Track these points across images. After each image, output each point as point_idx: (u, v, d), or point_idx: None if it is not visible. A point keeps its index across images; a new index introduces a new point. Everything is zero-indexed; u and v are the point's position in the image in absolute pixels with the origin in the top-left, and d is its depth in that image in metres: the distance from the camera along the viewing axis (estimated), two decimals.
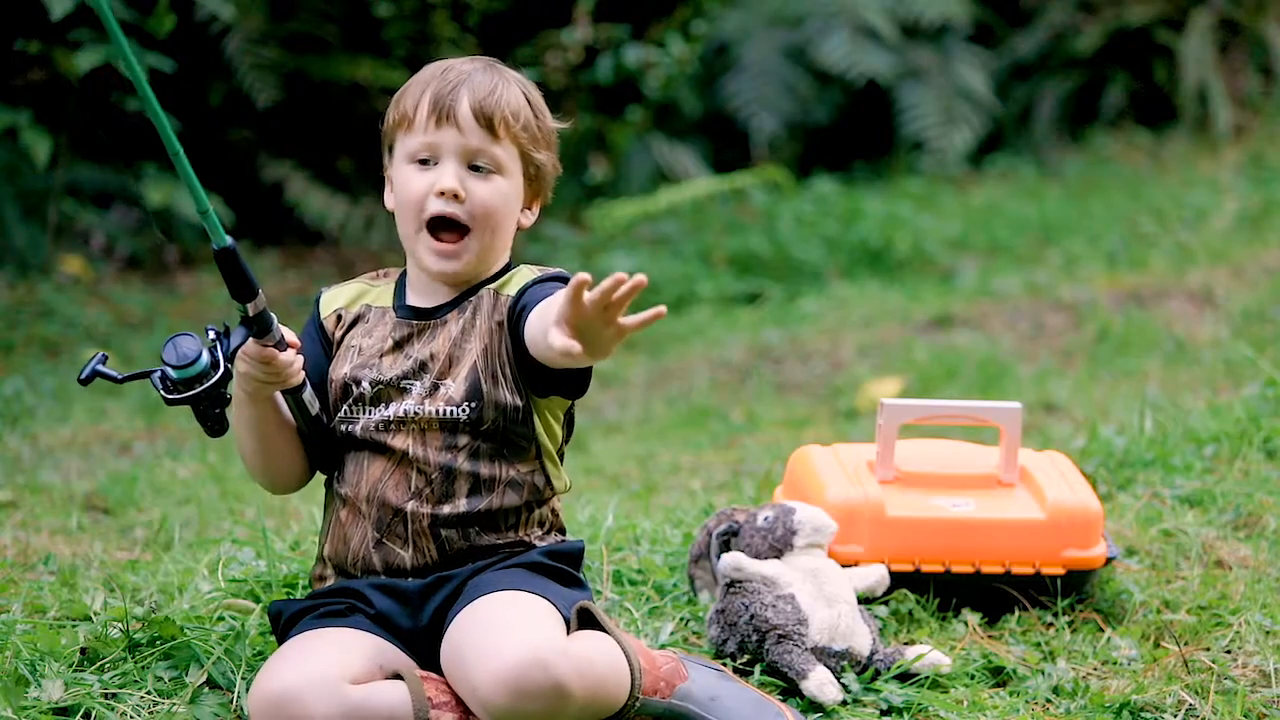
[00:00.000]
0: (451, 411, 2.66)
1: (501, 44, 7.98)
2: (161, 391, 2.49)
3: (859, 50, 9.44)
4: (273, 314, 2.54)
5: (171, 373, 2.47)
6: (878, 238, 8.19)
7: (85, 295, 7.35)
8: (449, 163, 2.68)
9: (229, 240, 2.47)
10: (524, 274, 2.73)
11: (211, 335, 2.51)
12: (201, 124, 8.02)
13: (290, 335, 2.59)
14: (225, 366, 2.49)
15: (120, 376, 2.51)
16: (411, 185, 2.70)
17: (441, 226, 2.69)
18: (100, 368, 2.50)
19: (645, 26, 8.22)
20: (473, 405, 2.66)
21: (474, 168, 2.69)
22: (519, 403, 2.67)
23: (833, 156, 9.64)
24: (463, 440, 2.66)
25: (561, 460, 2.77)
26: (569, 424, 2.78)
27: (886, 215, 8.45)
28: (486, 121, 2.68)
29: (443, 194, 2.67)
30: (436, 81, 2.71)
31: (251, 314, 2.52)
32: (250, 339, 2.55)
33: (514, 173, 2.72)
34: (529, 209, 2.78)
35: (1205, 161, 9.21)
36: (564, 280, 2.69)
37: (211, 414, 2.51)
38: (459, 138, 2.68)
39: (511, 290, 2.70)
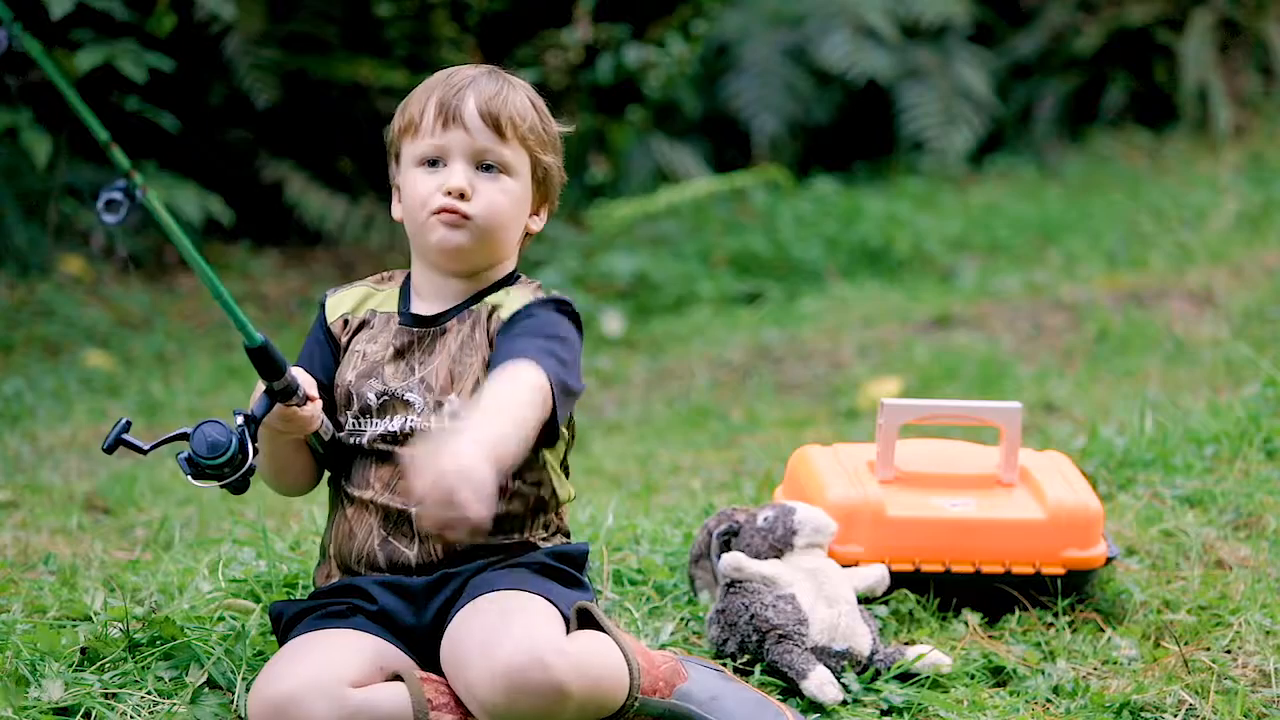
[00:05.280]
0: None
1: (501, 44, 7.98)
2: (190, 477, 2.49)
3: (859, 50, 9.44)
4: (297, 378, 2.54)
5: (200, 460, 2.48)
6: (878, 238, 8.19)
7: (85, 295, 7.35)
8: (457, 163, 2.69)
9: (261, 338, 2.47)
10: (521, 293, 2.72)
11: (240, 420, 2.51)
12: (201, 124, 8.02)
13: (311, 389, 2.58)
14: (252, 453, 2.49)
15: (146, 447, 2.50)
16: (419, 186, 2.70)
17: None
18: (125, 437, 2.49)
19: (645, 26, 8.21)
20: None
21: (482, 169, 2.70)
22: None
23: (833, 156, 9.65)
24: None
25: (567, 474, 2.78)
26: (570, 432, 2.78)
27: (886, 215, 8.45)
28: (493, 122, 2.69)
29: (450, 193, 2.67)
30: (441, 86, 2.72)
31: (279, 388, 2.52)
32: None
33: (522, 174, 2.72)
34: (537, 214, 2.78)
35: (1205, 161, 9.21)
36: (559, 306, 2.69)
37: (235, 483, 2.52)
38: (466, 138, 2.68)
39: (505, 312, 2.70)
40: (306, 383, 2.57)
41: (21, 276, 7.28)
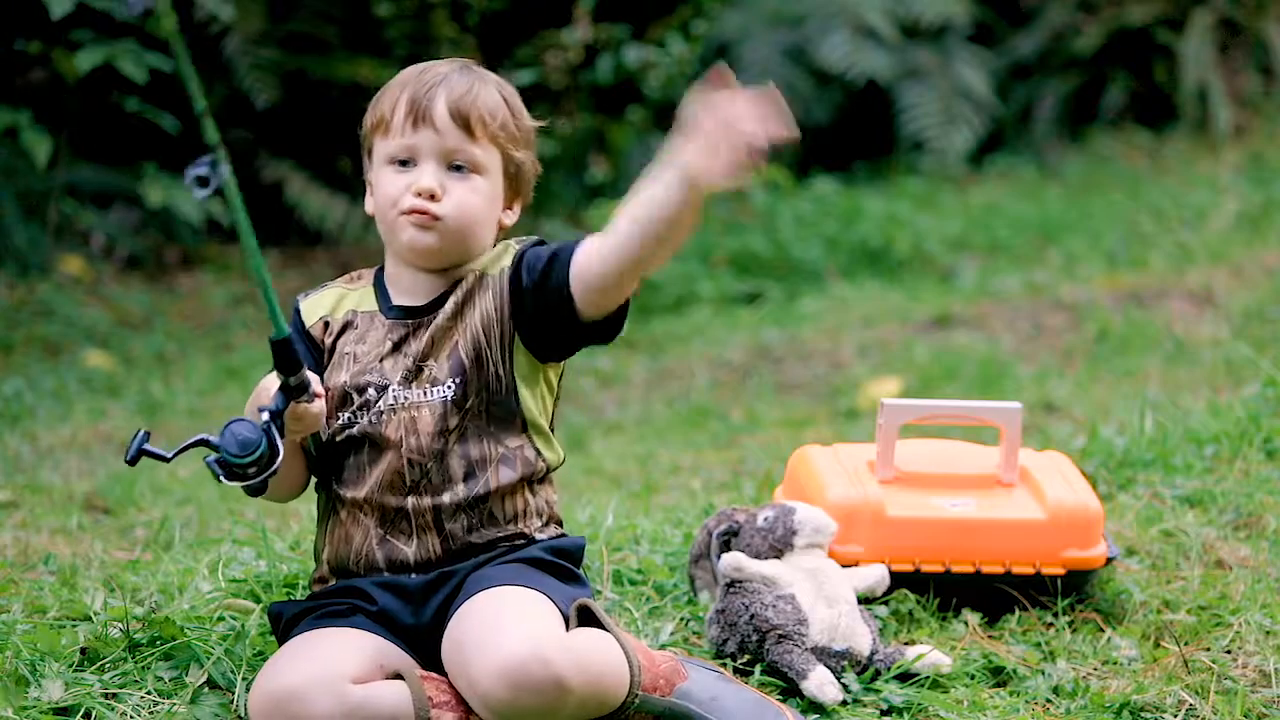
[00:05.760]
0: (437, 392, 2.66)
1: (501, 44, 7.97)
2: (222, 478, 2.48)
3: (859, 50, 9.44)
4: (307, 375, 2.54)
5: (231, 459, 2.47)
6: (878, 238, 8.19)
7: (85, 295, 7.35)
8: (427, 164, 2.69)
9: (288, 330, 2.48)
10: (506, 250, 2.74)
11: (265, 417, 2.50)
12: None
13: (318, 386, 2.58)
14: (281, 448, 2.49)
15: (169, 456, 2.48)
16: (390, 185, 2.71)
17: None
18: (147, 447, 2.48)
19: (645, 26, 8.22)
20: (456, 381, 2.66)
21: (453, 168, 2.70)
22: (504, 376, 2.68)
23: (833, 156, 9.64)
24: (452, 422, 2.67)
25: (553, 430, 2.77)
26: (556, 390, 2.78)
27: (886, 215, 8.45)
28: (463, 121, 2.69)
29: (420, 194, 2.68)
30: (412, 84, 2.72)
31: (294, 384, 2.52)
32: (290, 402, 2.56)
33: (493, 172, 2.73)
34: (509, 209, 2.78)
35: (1205, 161, 9.21)
36: (540, 243, 2.72)
37: (262, 483, 2.51)
38: (436, 139, 2.69)
39: (496, 270, 2.71)
40: (315, 380, 2.57)
41: (21, 276, 7.28)
